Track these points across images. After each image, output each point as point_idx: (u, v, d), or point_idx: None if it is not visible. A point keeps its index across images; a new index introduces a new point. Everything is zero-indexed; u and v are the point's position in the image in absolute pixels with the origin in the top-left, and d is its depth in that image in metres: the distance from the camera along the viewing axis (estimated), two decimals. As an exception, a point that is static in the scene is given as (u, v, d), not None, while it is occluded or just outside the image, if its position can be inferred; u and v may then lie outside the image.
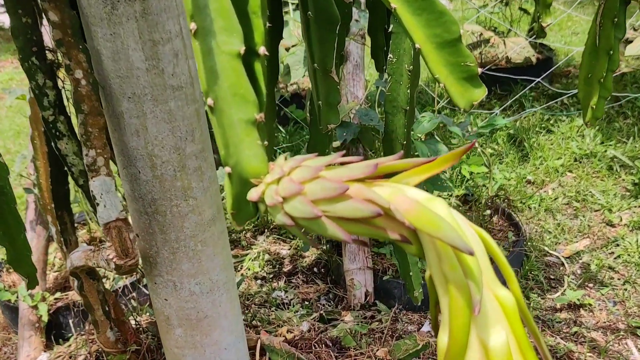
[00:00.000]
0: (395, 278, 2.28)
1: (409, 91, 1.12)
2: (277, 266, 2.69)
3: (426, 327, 2.12)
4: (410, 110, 1.18)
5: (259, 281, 2.58)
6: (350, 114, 2.36)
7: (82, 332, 1.99)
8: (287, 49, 2.64)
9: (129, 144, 1.35)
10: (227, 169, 0.49)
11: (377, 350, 1.83)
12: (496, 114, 2.86)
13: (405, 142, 1.34)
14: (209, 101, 0.47)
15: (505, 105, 3.72)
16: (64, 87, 1.38)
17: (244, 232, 3.03)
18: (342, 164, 0.49)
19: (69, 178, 1.58)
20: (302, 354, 1.80)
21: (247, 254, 2.75)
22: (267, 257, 2.75)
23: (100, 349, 1.84)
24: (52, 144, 1.33)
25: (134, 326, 1.79)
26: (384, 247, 2.40)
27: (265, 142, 0.53)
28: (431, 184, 2.23)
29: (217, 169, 1.41)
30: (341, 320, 2.11)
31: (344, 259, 2.34)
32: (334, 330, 1.99)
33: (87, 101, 1.26)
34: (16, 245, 1.05)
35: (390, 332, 2.04)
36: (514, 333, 0.45)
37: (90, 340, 1.87)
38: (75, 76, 1.30)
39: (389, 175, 0.50)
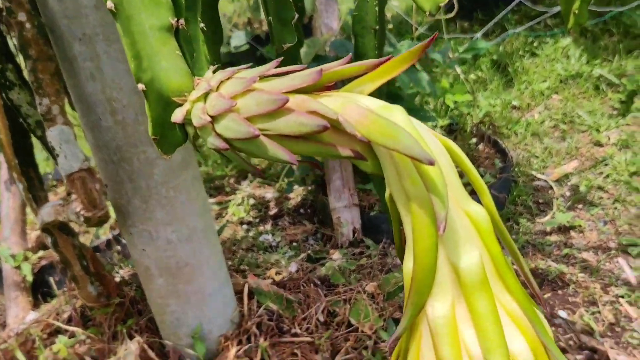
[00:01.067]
0: (382, 212, 2.24)
1: (377, 9, 1.04)
2: (263, 210, 2.64)
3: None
4: (381, 30, 1.09)
5: (245, 226, 2.54)
6: (325, 47, 2.26)
7: (65, 289, 1.95)
8: (256, -17, 2.51)
9: (85, 90, 1.27)
10: (141, 86, 0.42)
11: (367, 285, 1.81)
12: (477, 38, 2.75)
13: None
14: (109, 4, 0.39)
15: (486, 28, 3.61)
16: (9, 34, 1.28)
17: (226, 177, 2.97)
18: (280, 74, 0.42)
19: (31, 139, 1.50)
20: (290, 294, 1.77)
21: (231, 200, 2.70)
22: (252, 201, 2.70)
23: (83, 307, 1.80)
24: (3, 94, 1.24)
25: (116, 279, 1.75)
26: (370, 184, 2.35)
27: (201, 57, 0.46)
28: (413, 115, 2.16)
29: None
30: (329, 259, 2.07)
31: (329, 198, 2.28)
32: (322, 269, 1.96)
33: (34, 45, 1.16)
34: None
35: (379, 266, 2.01)
36: (488, 252, 0.39)
37: (73, 297, 1.83)
38: (19, 19, 1.20)
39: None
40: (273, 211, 2.61)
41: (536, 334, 0.38)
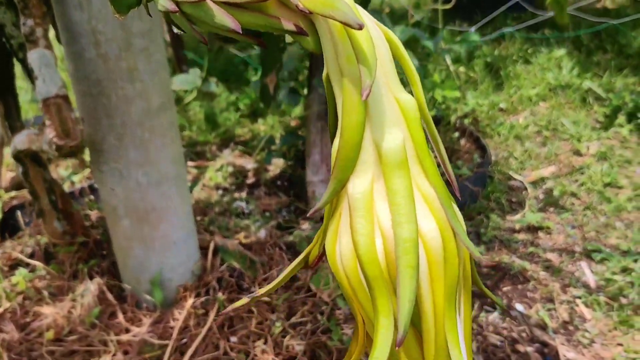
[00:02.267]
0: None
1: None
2: (241, 178, 2.65)
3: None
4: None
5: (220, 191, 2.55)
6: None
7: (32, 225, 1.95)
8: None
9: (72, 19, 1.27)
10: None
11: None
12: (471, 32, 2.78)
13: None
14: None
15: (481, 24, 3.64)
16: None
17: (209, 144, 2.97)
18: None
19: (14, 59, 1.50)
20: (254, 256, 1.79)
21: (210, 166, 2.71)
22: (231, 169, 2.71)
23: (49, 242, 1.81)
24: (-13, 11, 1.24)
25: (83, 220, 1.75)
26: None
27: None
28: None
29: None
30: (299, 228, 2.09)
31: (306, 171, 2.30)
32: (290, 237, 1.97)
33: (23, -36, 1.17)
34: None
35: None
36: (412, 138, 0.41)
37: (38, 233, 1.83)
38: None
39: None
40: (250, 180, 2.63)
41: (447, 218, 0.40)
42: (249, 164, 2.78)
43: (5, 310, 1.61)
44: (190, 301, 1.60)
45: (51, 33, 1.31)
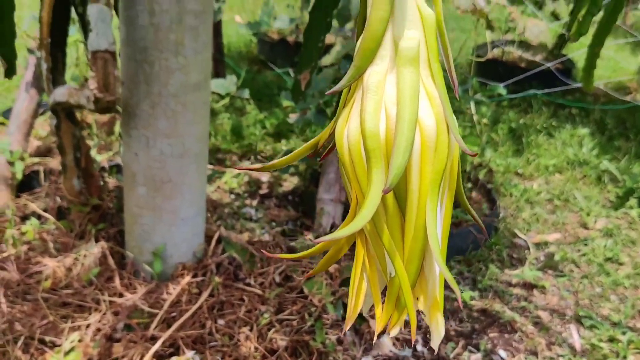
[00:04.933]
0: (363, 217, 2.31)
1: None
2: (255, 187, 2.72)
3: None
4: None
5: (233, 195, 2.62)
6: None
7: (53, 182, 2.03)
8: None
9: (133, -15, 1.38)
10: None
11: (329, 265, 1.87)
12: (500, 85, 2.88)
13: None
14: None
15: (510, 81, 3.75)
16: None
17: (230, 153, 3.06)
18: None
19: (69, 22, 1.61)
20: (254, 252, 1.84)
21: (227, 172, 2.79)
22: (246, 178, 2.79)
23: (63, 203, 1.87)
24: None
25: (100, 184, 1.82)
26: (360, 188, 2.43)
27: None
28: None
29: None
30: (302, 237, 2.14)
31: (319, 188, 2.37)
32: (292, 242, 2.02)
33: None
34: (4, 23, 1.07)
35: (346, 257, 2.07)
36: (427, 43, 0.47)
37: (56, 190, 1.90)
38: None
39: None
40: (264, 191, 2.69)
41: (444, 116, 0.46)
42: (265, 177, 2.85)
43: (10, 254, 1.67)
44: (186, 279, 1.65)
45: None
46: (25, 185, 2.35)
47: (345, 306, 1.80)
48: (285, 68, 4.17)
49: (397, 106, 0.45)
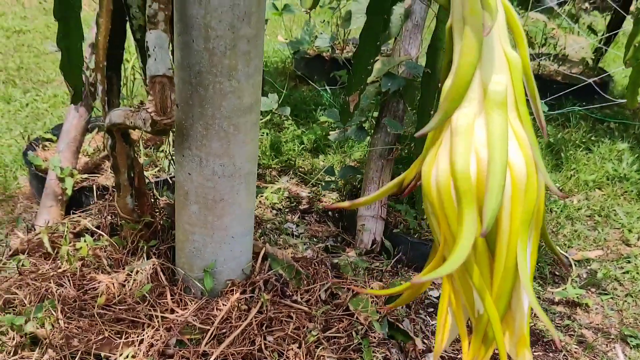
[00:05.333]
0: (404, 233, 2.33)
1: None
2: (295, 203, 2.76)
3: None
4: None
5: (274, 211, 2.66)
6: (398, 68, 2.41)
7: (104, 199, 2.08)
8: (352, -4, 2.69)
9: (189, 11, 1.43)
10: None
11: (373, 283, 1.89)
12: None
13: (440, 85, 1.35)
14: None
15: (549, 98, 3.73)
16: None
17: (270, 169, 3.10)
18: None
19: (125, 44, 1.67)
20: (301, 268, 1.86)
21: (268, 187, 2.83)
22: (286, 194, 2.82)
23: (115, 220, 1.93)
24: (122, -7, 1.41)
25: (152, 202, 1.87)
26: (401, 204, 2.45)
27: None
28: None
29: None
30: (344, 254, 2.16)
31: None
32: (335, 259, 2.05)
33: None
34: (71, 51, 1.13)
35: (389, 274, 2.09)
36: (513, 86, 0.49)
37: (109, 207, 1.95)
38: None
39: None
40: (303, 207, 2.73)
41: (533, 157, 0.48)
42: (304, 192, 2.88)
43: (66, 270, 1.73)
44: (236, 296, 1.68)
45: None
46: (75, 201, 2.42)
47: (390, 324, 1.81)
48: (321, 83, 4.21)
49: (488, 148, 0.47)
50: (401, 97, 2.39)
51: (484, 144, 0.48)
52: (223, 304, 1.68)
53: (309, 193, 2.87)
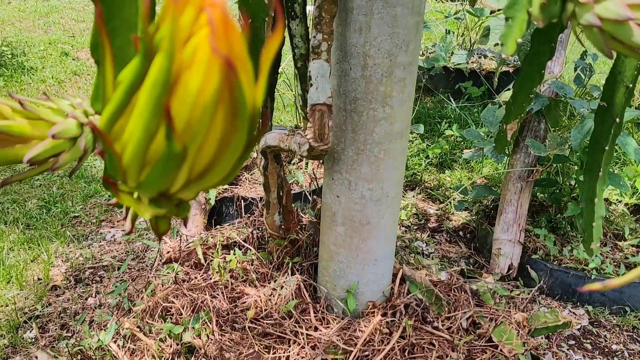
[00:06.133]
0: (544, 260, 2.24)
1: (638, 68, 1.09)
2: (423, 220, 2.73)
3: (566, 313, 2.07)
4: (632, 89, 1.15)
5: (402, 228, 2.65)
6: (540, 87, 2.32)
7: (249, 215, 2.17)
8: (492, 12, 2.63)
9: (349, 40, 1.45)
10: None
11: (515, 314, 1.83)
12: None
13: (618, 120, 1.27)
14: None
15: None
16: (305, -25, 1.49)
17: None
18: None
19: (279, 69, 1.72)
20: (440, 293, 1.84)
21: (396, 202, 2.82)
22: (414, 210, 2.80)
23: (260, 234, 2.00)
24: (286, 22, 1.46)
25: (297, 220, 1.92)
26: (540, 229, 2.36)
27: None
28: (609, 178, 2.13)
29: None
30: (482, 280, 2.11)
31: (495, 227, 2.32)
32: (474, 285, 2.00)
33: (328, -11, 1.36)
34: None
35: (530, 303, 2.01)
36: None
37: (257, 222, 2.03)
38: (322, -37, 1.40)
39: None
40: (432, 224, 2.69)
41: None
42: (432, 208, 2.85)
43: (217, 282, 1.82)
44: (377, 318, 1.69)
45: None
46: (216, 210, 2.55)
47: (534, 357, 1.75)
48: (446, 94, 4.15)
49: None
50: (543, 117, 2.30)
51: None
52: (365, 326, 1.69)
53: (436, 210, 2.84)
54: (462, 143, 3.55)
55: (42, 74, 4.64)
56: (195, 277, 1.86)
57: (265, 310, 1.74)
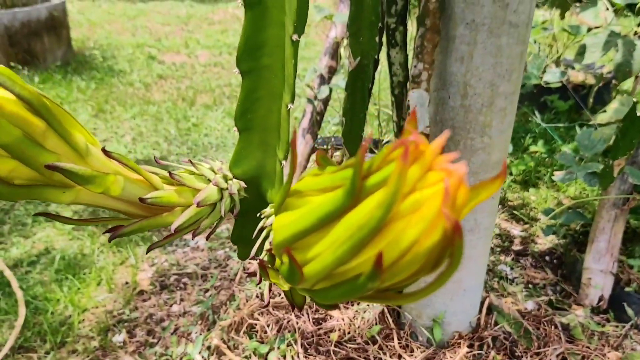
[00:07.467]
0: (637, 292, 2.12)
1: None
2: (506, 242, 2.65)
3: (662, 353, 1.96)
4: None
5: (486, 250, 2.58)
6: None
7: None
8: (590, 29, 2.52)
9: (448, 69, 1.42)
10: None
11: (609, 352, 1.74)
12: None
13: None
14: None
15: None
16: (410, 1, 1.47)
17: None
18: None
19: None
20: (529, 326, 1.78)
21: (479, 222, 2.75)
22: (497, 230, 2.73)
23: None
24: (386, 50, 1.44)
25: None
26: (635, 259, 2.24)
27: None
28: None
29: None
30: (572, 312, 2.03)
31: (586, 256, 2.23)
32: (563, 318, 1.92)
33: (432, 17, 1.34)
34: (354, 120, 1.18)
35: (624, 340, 1.92)
36: None
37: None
38: (426, -8, 1.38)
39: None
40: (517, 247, 2.61)
41: None
42: (516, 229, 2.76)
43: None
44: (463, 350, 1.65)
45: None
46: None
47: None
48: (530, 108, 4.02)
49: None
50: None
51: None
52: (450, 357, 1.66)
53: (521, 231, 2.75)
54: (547, 160, 3.43)
55: (130, 77, 4.82)
56: (280, 294, 1.87)
57: (349, 333, 1.73)
